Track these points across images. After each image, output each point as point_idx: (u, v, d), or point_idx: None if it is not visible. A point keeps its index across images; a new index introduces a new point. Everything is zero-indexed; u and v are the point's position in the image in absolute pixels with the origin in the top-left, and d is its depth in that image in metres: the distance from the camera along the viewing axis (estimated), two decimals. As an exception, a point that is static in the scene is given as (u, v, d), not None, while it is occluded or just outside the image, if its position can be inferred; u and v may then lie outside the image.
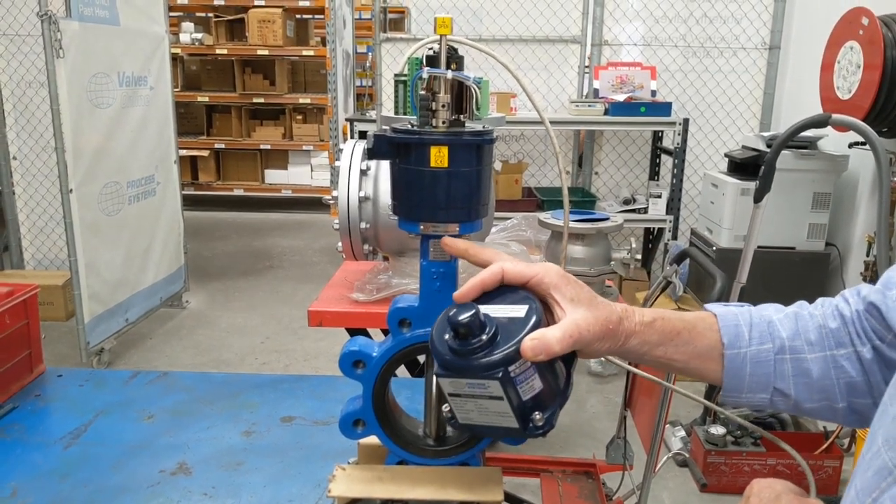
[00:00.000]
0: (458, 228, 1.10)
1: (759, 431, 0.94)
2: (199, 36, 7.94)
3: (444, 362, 0.82)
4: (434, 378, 0.88)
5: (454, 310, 0.81)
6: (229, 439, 1.60)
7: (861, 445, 2.73)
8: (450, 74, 1.06)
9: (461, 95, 1.09)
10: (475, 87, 1.07)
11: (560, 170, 1.12)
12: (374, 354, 1.16)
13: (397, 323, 1.15)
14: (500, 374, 0.79)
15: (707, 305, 0.90)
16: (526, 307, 0.82)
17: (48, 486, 1.41)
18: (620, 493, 2.44)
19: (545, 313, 0.83)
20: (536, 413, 0.82)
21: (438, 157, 1.05)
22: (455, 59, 1.09)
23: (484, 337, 0.80)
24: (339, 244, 2.36)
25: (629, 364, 0.98)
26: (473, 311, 0.80)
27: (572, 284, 0.84)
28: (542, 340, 0.78)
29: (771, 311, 0.88)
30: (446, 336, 0.83)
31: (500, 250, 2.30)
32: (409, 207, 1.11)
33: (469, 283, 0.86)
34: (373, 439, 1.20)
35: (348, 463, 1.24)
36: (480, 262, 0.90)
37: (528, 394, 0.80)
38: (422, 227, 1.10)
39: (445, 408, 0.88)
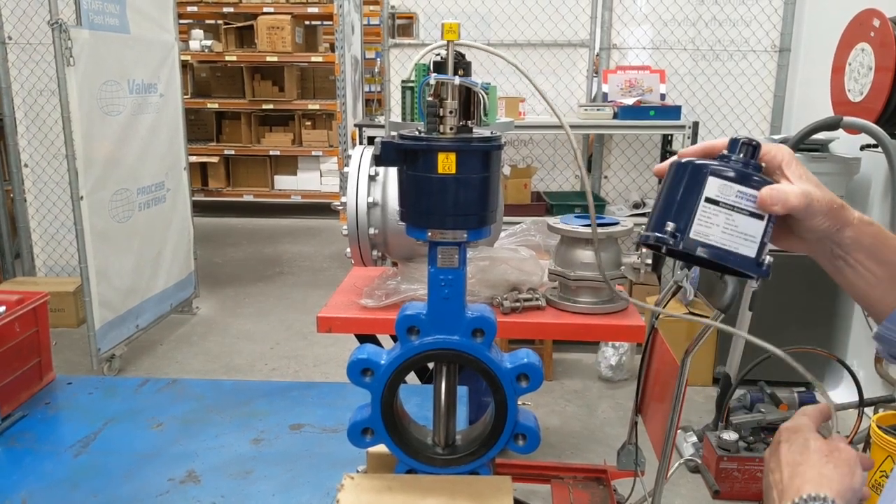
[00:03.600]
0: (466, 235, 1.10)
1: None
2: (209, 43, 7.99)
3: (726, 167, 0.84)
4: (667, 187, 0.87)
5: (734, 137, 0.87)
6: (238, 447, 1.60)
7: (875, 451, 2.70)
8: (457, 80, 1.05)
9: (469, 101, 1.09)
10: (483, 92, 1.07)
11: (580, 164, 1.11)
12: (383, 362, 1.15)
13: (406, 330, 1.15)
14: None
15: None
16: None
17: (58, 495, 1.41)
18: (632, 499, 2.42)
19: None
20: (766, 255, 0.84)
21: (446, 163, 1.05)
22: (462, 65, 1.08)
23: (762, 164, 0.86)
24: (348, 250, 2.36)
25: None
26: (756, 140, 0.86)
27: (801, 166, 0.86)
28: (780, 191, 0.81)
29: None
30: (719, 157, 0.87)
31: (510, 255, 2.29)
32: (416, 214, 1.10)
33: (698, 144, 0.90)
34: (382, 447, 1.19)
35: (357, 471, 1.24)
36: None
37: (767, 235, 0.84)
38: (430, 234, 1.10)
39: (670, 226, 0.84)
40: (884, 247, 0.85)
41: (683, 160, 0.88)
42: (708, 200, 0.83)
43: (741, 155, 0.85)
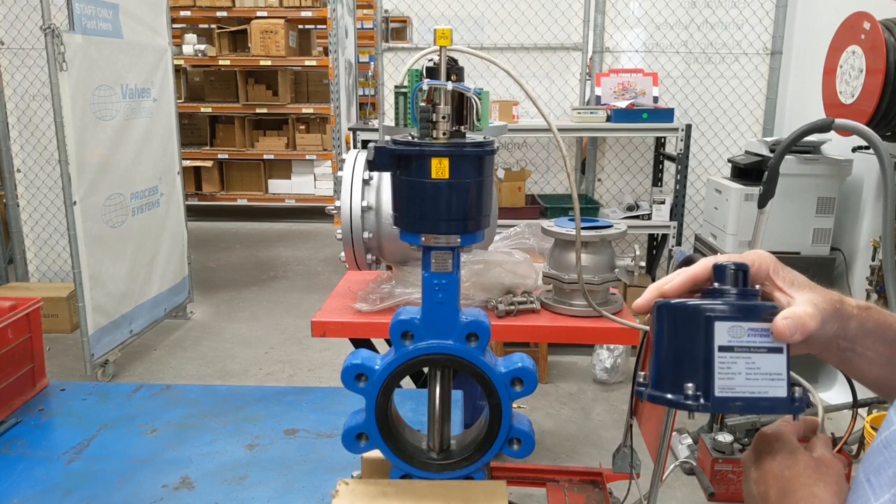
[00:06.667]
0: (459, 240, 1.10)
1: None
2: (202, 47, 7.98)
3: (727, 305, 0.75)
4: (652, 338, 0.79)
5: (722, 263, 0.78)
6: (233, 453, 1.59)
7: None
8: (450, 86, 1.06)
9: (462, 106, 1.09)
10: (475, 98, 1.07)
11: (569, 173, 1.11)
12: (377, 368, 1.15)
13: (400, 335, 1.15)
14: None
15: None
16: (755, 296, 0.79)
17: (51, 501, 1.40)
18: (628, 501, 2.42)
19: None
20: (795, 386, 0.76)
21: (439, 168, 1.05)
22: (455, 71, 1.08)
23: (756, 288, 0.78)
24: (343, 254, 2.36)
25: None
26: (742, 262, 0.78)
27: (787, 268, 0.81)
28: (796, 318, 0.74)
29: None
30: (703, 293, 0.79)
31: (505, 258, 2.30)
32: (410, 219, 1.11)
33: (679, 276, 0.81)
34: (377, 452, 1.19)
35: (352, 476, 1.23)
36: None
37: (789, 365, 0.76)
38: (423, 238, 1.10)
39: (689, 387, 0.75)
40: (887, 328, 0.82)
41: (673, 302, 0.79)
42: (722, 349, 0.74)
43: (733, 284, 0.77)
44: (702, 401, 0.74)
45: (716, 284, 0.78)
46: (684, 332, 0.76)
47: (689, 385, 0.75)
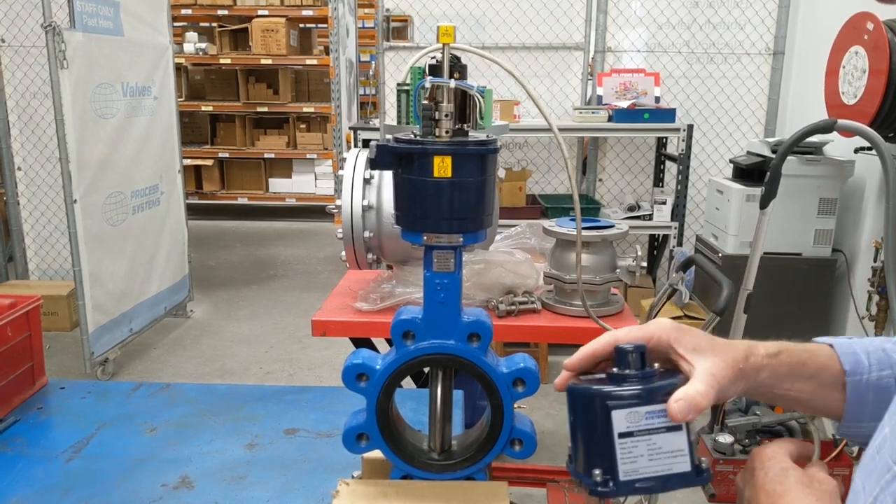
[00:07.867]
0: (461, 239, 1.09)
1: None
2: (203, 46, 7.98)
3: (624, 391, 0.77)
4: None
5: (621, 346, 0.80)
6: (232, 452, 1.58)
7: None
8: (453, 84, 1.05)
9: (464, 105, 1.08)
10: (478, 96, 1.06)
11: (570, 174, 1.10)
12: (378, 367, 1.14)
13: (401, 335, 1.14)
14: None
15: (816, 339, 0.88)
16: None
17: (49, 500, 1.40)
18: (628, 502, 2.41)
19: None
20: (701, 456, 0.79)
21: (442, 167, 1.04)
22: (458, 68, 1.08)
23: (655, 367, 0.80)
24: (343, 253, 2.35)
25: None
26: (639, 343, 0.80)
27: (690, 334, 0.82)
28: (688, 399, 0.75)
29: (879, 342, 0.87)
30: (606, 376, 0.80)
31: (505, 258, 2.29)
32: (412, 218, 1.10)
33: (580, 352, 0.83)
34: (377, 452, 1.18)
35: (352, 477, 1.23)
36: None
37: (691, 438, 0.78)
38: (425, 237, 1.09)
39: (597, 473, 0.77)
40: (801, 366, 0.83)
41: (578, 388, 0.81)
42: (622, 436, 0.76)
43: (632, 367, 0.79)
44: (610, 485, 0.77)
45: (615, 370, 0.80)
46: (588, 418, 0.79)
47: (597, 471, 0.77)
